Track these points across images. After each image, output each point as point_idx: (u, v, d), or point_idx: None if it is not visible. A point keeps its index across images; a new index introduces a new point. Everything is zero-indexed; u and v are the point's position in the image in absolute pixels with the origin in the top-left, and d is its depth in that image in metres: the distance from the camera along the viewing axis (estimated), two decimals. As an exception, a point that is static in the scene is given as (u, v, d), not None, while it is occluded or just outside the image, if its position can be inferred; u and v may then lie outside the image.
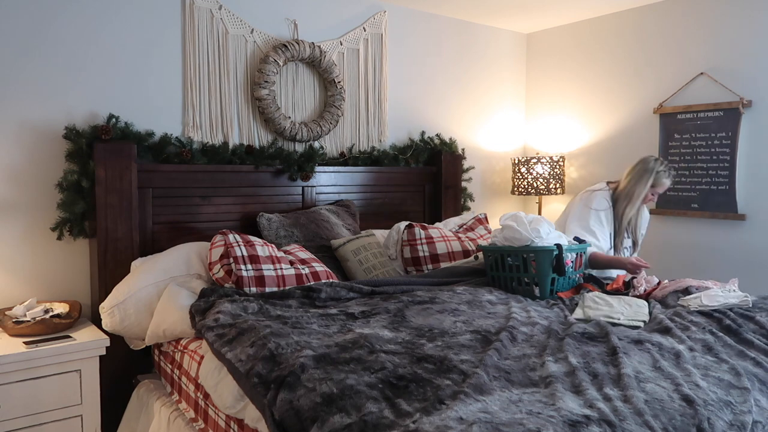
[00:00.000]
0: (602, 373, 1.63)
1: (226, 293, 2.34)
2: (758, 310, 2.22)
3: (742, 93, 3.32)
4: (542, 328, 2.04)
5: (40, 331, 2.36)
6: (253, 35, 3.18)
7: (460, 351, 1.76)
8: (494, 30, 4.29)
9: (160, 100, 2.93)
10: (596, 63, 4.04)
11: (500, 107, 4.37)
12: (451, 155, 3.84)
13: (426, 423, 1.32)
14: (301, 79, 3.37)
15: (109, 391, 2.57)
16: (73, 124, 2.64)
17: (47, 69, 2.62)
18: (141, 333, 2.46)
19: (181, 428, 2.20)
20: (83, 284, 2.75)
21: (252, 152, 3.10)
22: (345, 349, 1.74)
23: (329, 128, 3.40)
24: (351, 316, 2.12)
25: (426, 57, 3.94)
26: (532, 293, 2.54)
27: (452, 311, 2.18)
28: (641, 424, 1.35)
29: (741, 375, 1.65)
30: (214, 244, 2.52)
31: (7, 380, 2.18)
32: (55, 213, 2.63)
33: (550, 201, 4.34)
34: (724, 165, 3.39)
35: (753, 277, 3.24)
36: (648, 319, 2.19)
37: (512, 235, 2.60)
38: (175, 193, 2.87)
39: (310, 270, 2.62)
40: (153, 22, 2.88)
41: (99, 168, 2.58)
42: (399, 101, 3.81)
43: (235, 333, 1.93)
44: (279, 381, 1.59)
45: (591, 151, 4.10)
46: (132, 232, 2.68)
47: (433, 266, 3.03)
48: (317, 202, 3.35)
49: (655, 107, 3.69)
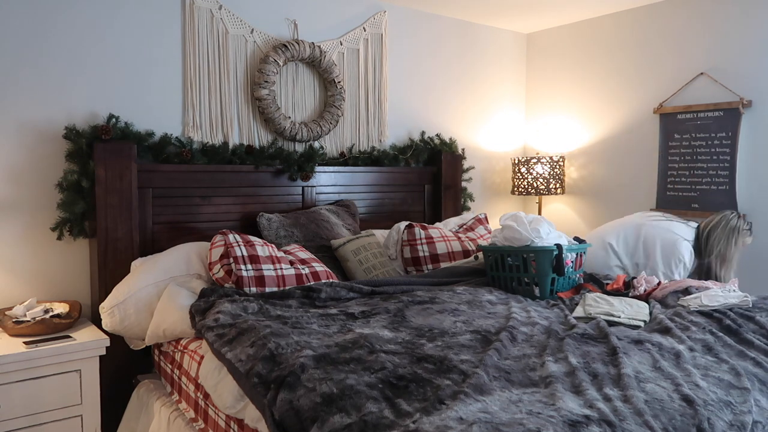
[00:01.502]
0: (602, 373, 1.63)
1: (226, 293, 2.34)
2: (758, 310, 2.22)
3: (742, 93, 3.32)
4: (542, 328, 2.05)
5: (40, 331, 2.36)
6: (253, 35, 3.18)
7: (460, 351, 1.76)
8: (494, 30, 4.29)
9: (160, 100, 2.93)
10: (596, 63, 4.04)
11: (500, 107, 4.37)
12: (451, 155, 3.84)
13: (426, 423, 1.32)
14: (301, 79, 3.37)
15: (109, 391, 2.57)
16: (73, 124, 2.64)
17: (47, 69, 2.62)
18: (141, 333, 2.46)
19: (181, 428, 2.20)
20: (83, 284, 2.75)
21: (252, 152, 3.10)
22: (345, 349, 1.74)
23: (329, 128, 3.40)
24: (351, 316, 2.12)
25: (426, 57, 3.94)
26: (532, 293, 2.54)
27: (452, 311, 2.18)
28: (641, 424, 1.35)
29: (741, 375, 1.65)
30: (214, 244, 2.52)
31: (7, 380, 2.18)
32: (55, 213, 2.63)
33: (550, 201, 4.34)
34: (724, 165, 3.39)
35: (753, 277, 3.24)
36: (648, 319, 2.20)
37: (512, 235, 2.60)
38: (175, 193, 2.87)
39: (310, 270, 2.62)
40: (153, 22, 2.88)
41: (99, 168, 2.58)
42: (399, 101, 3.81)
43: (235, 333, 1.93)
44: (279, 381, 1.59)
45: (591, 151, 4.10)
46: (132, 232, 2.68)
47: (433, 266, 3.04)
48: (317, 202, 3.35)
49: (655, 107, 3.69)
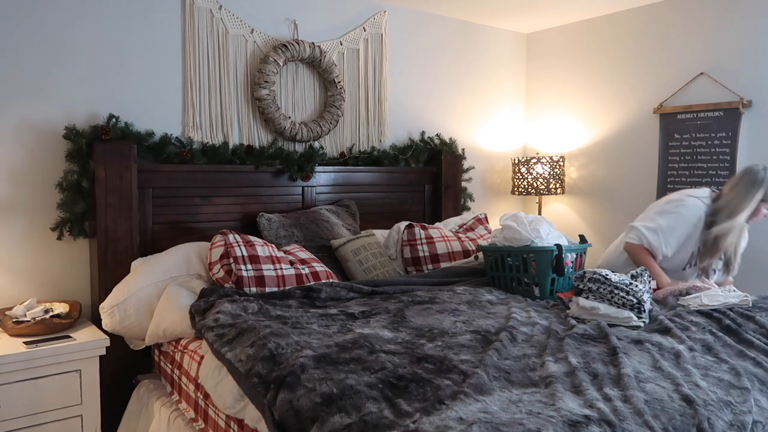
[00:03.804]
0: (602, 373, 1.63)
1: (226, 293, 2.34)
2: (758, 310, 2.22)
3: (742, 93, 3.32)
4: (542, 328, 2.04)
5: (40, 331, 2.36)
6: (253, 35, 3.18)
7: (460, 351, 1.76)
8: (494, 30, 4.28)
9: (160, 100, 2.93)
10: (596, 63, 4.03)
11: (500, 107, 4.37)
12: (451, 155, 3.84)
13: (426, 423, 1.32)
14: (301, 79, 3.37)
15: (109, 391, 2.57)
16: (73, 124, 2.64)
17: (47, 69, 2.62)
18: (141, 333, 2.46)
19: (181, 428, 2.20)
20: (83, 284, 2.75)
21: (252, 152, 3.10)
22: (345, 349, 1.74)
23: (329, 128, 3.40)
24: (351, 316, 2.12)
25: (426, 57, 3.94)
26: (532, 293, 2.54)
27: (452, 311, 2.18)
28: (641, 424, 1.35)
29: (741, 375, 1.65)
30: (214, 244, 2.52)
31: (7, 380, 2.18)
32: (55, 213, 2.63)
33: (550, 201, 4.34)
34: (724, 165, 3.39)
35: (753, 277, 3.24)
36: (648, 320, 2.20)
37: (512, 235, 2.60)
38: (175, 193, 2.87)
39: (310, 270, 2.62)
40: (153, 22, 2.88)
41: (99, 168, 2.58)
42: (399, 101, 3.81)
43: (235, 333, 1.93)
44: (279, 381, 1.59)
45: (591, 151, 4.10)
46: (132, 232, 2.68)
47: (433, 266, 3.04)
48: (317, 202, 3.35)
49: (655, 107, 3.69)
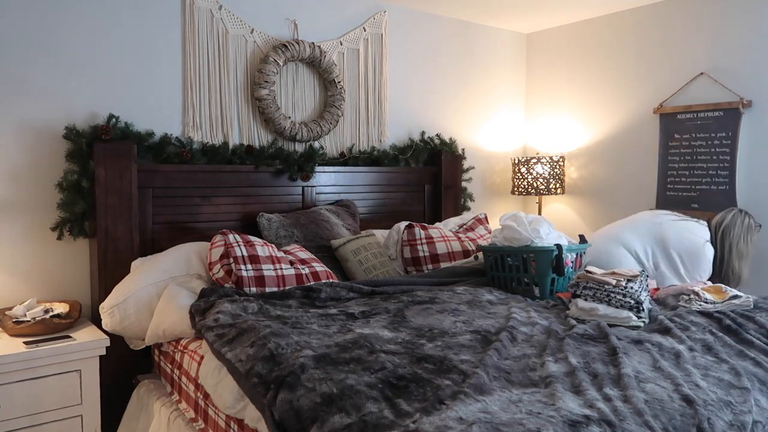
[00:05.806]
0: (602, 373, 1.63)
1: (226, 293, 2.34)
2: (758, 310, 2.23)
3: (742, 93, 3.32)
4: (542, 328, 2.04)
5: (40, 331, 2.36)
6: (253, 35, 3.18)
7: (460, 351, 1.76)
8: (494, 30, 4.28)
9: (160, 100, 2.93)
10: (596, 63, 4.03)
11: (500, 107, 4.37)
12: (451, 155, 3.84)
13: (426, 423, 1.32)
14: (301, 79, 3.37)
15: (109, 391, 2.57)
16: (73, 124, 2.64)
17: (47, 69, 2.62)
18: (141, 333, 2.46)
19: (181, 428, 2.20)
20: (83, 284, 2.75)
21: (252, 152, 3.09)
22: (345, 349, 1.74)
23: (329, 128, 3.40)
24: (351, 316, 2.12)
25: (426, 57, 3.94)
26: (532, 293, 2.54)
27: (452, 311, 2.18)
28: (641, 424, 1.35)
29: (741, 375, 1.65)
30: (214, 244, 2.52)
31: (7, 380, 2.18)
32: (55, 213, 2.63)
33: (550, 201, 4.34)
34: (724, 165, 3.38)
35: (753, 277, 3.24)
36: (648, 320, 2.20)
37: (512, 235, 2.60)
38: (175, 193, 2.87)
39: (310, 270, 2.62)
40: (153, 22, 2.88)
41: (99, 168, 2.58)
42: (399, 101, 3.81)
43: (235, 333, 1.93)
44: (279, 381, 1.59)
45: (591, 151, 4.10)
46: (132, 232, 2.68)
47: (433, 266, 3.04)
48: (317, 202, 3.35)
49: (655, 107, 3.69)
